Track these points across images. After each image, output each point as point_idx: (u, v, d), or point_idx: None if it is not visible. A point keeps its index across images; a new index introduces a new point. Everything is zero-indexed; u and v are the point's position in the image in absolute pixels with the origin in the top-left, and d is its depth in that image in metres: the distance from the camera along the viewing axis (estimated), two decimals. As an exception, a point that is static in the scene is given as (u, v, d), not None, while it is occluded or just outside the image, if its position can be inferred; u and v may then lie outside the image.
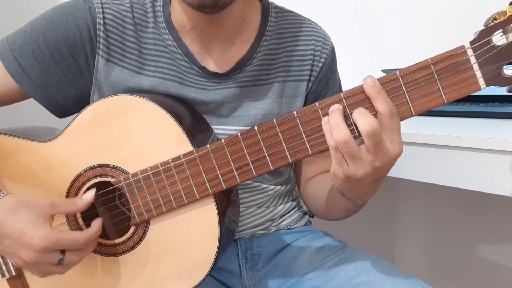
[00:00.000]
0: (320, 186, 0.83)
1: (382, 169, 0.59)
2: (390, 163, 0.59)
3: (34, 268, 0.65)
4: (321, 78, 0.84)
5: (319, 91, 0.85)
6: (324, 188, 0.80)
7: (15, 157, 0.74)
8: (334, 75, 0.87)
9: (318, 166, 0.86)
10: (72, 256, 0.66)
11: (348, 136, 0.57)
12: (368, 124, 0.56)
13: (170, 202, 0.68)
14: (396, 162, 0.61)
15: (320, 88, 0.84)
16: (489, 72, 0.56)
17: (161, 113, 0.68)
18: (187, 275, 0.70)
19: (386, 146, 0.58)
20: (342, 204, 0.73)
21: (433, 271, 1.53)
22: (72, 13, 0.74)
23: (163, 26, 0.77)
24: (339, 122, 0.58)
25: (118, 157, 0.70)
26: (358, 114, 0.58)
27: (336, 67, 0.88)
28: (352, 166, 0.58)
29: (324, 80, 0.84)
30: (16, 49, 0.74)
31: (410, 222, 1.61)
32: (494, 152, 0.74)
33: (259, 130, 0.63)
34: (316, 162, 0.86)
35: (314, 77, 0.83)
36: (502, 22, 0.55)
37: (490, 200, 1.32)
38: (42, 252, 0.63)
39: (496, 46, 0.55)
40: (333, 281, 0.77)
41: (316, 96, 0.84)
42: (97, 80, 0.76)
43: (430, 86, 0.58)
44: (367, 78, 0.58)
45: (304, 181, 0.89)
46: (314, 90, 0.84)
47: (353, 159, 0.58)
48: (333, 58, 0.86)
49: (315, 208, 0.87)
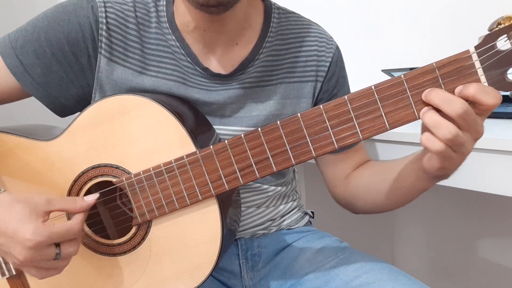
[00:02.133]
0: (374, 177, 0.80)
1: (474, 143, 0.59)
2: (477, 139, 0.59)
3: (32, 266, 0.63)
4: (330, 77, 0.84)
5: (331, 90, 0.84)
6: (383, 178, 0.76)
7: (16, 155, 0.73)
8: (342, 72, 0.86)
9: (353, 161, 0.85)
10: (68, 247, 0.64)
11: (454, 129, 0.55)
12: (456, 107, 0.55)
13: (172, 203, 0.68)
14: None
15: (331, 87, 0.84)
16: (493, 77, 0.56)
17: (164, 113, 0.68)
18: (188, 275, 0.70)
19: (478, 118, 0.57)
20: (420, 186, 0.70)
21: (433, 271, 1.53)
22: (74, 12, 0.73)
23: (166, 26, 0.77)
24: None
25: (120, 157, 0.69)
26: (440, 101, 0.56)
27: (343, 64, 0.87)
28: (461, 150, 0.57)
29: (334, 78, 0.84)
30: (18, 47, 0.73)
31: (410, 222, 1.62)
32: (494, 152, 0.75)
33: (262, 131, 0.63)
34: (348, 157, 0.84)
35: (322, 77, 0.83)
36: (507, 28, 0.55)
37: (490, 200, 1.32)
38: (36, 249, 0.61)
39: (500, 51, 0.55)
40: (333, 282, 0.77)
41: (329, 96, 0.84)
42: (99, 80, 0.75)
43: None
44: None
45: (340, 180, 0.86)
46: (325, 90, 0.84)
47: (463, 145, 0.56)
48: (339, 56, 0.86)
49: (368, 202, 0.82)
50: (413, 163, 0.69)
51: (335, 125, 0.61)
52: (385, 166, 0.78)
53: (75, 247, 0.65)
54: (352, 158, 0.85)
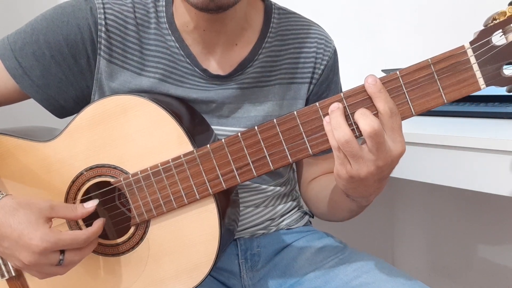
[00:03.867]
0: (322, 187, 0.83)
1: (385, 168, 0.59)
2: (393, 162, 0.59)
3: (33, 269, 0.65)
4: (323, 80, 0.84)
5: (320, 93, 0.85)
6: (327, 189, 0.79)
7: (15, 157, 0.73)
8: (336, 77, 0.87)
9: (320, 168, 0.86)
10: (72, 256, 0.65)
11: (350, 136, 0.57)
12: (369, 125, 0.56)
13: (170, 202, 0.68)
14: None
15: (321, 90, 0.84)
16: (489, 72, 0.56)
17: (161, 113, 0.68)
18: (187, 275, 0.70)
19: (388, 145, 0.58)
20: (346, 205, 0.73)
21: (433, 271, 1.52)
22: (73, 14, 0.73)
23: (165, 26, 0.77)
24: (340, 122, 0.58)
25: (118, 157, 0.69)
26: (359, 115, 0.58)
27: (338, 69, 0.88)
28: (355, 166, 0.58)
29: (326, 83, 0.84)
30: (17, 49, 0.74)
31: (410, 222, 1.61)
32: (494, 152, 0.74)
33: (259, 130, 0.63)
34: (318, 163, 0.86)
35: (316, 80, 0.83)
36: (502, 22, 0.55)
37: (490, 200, 1.32)
38: (42, 254, 0.62)
39: (495, 46, 0.55)
40: (333, 282, 0.77)
41: (318, 98, 0.84)
42: (98, 81, 0.75)
43: (430, 86, 0.58)
44: (369, 77, 0.58)
45: (305, 183, 0.89)
46: (315, 93, 0.84)
47: (355, 158, 0.58)
48: (335, 61, 0.86)
49: (318, 210, 0.86)
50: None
51: (332, 122, 0.60)
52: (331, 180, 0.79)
53: (79, 256, 0.66)
54: (325, 162, 0.85)
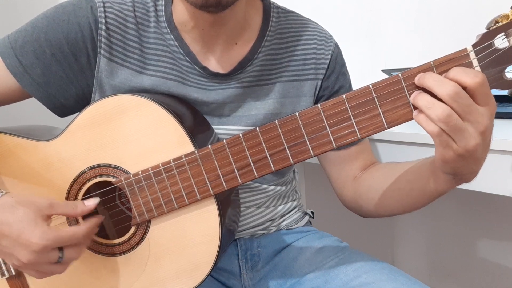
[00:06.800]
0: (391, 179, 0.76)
1: (488, 130, 0.55)
2: (490, 121, 0.55)
3: (32, 268, 0.64)
4: (330, 74, 0.83)
5: (331, 87, 0.84)
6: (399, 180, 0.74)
7: (16, 156, 0.73)
8: (343, 69, 0.86)
9: (358, 162, 0.83)
10: (71, 252, 0.64)
11: (448, 109, 0.53)
12: (448, 89, 0.53)
13: (171, 202, 0.68)
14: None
15: (331, 84, 0.84)
16: (491, 75, 0.56)
17: (163, 113, 0.68)
18: (187, 275, 0.70)
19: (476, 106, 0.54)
20: (437, 186, 0.66)
21: (433, 271, 1.53)
22: (74, 12, 0.74)
23: (164, 25, 0.77)
24: (430, 100, 0.55)
25: (119, 157, 0.69)
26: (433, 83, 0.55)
27: (344, 61, 0.87)
28: (462, 142, 0.55)
29: (334, 75, 0.84)
30: (18, 47, 0.74)
31: (410, 222, 1.61)
32: (494, 152, 0.74)
33: (260, 131, 0.63)
34: (355, 158, 0.83)
35: (322, 75, 0.83)
36: (505, 26, 0.55)
37: (490, 200, 1.32)
38: (41, 252, 0.61)
39: (498, 49, 0.55)
40: (333, 282, 0.77)
41: (330, 93, 0.84)
42: (98, 80, 0.75)
43: None
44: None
45: (348, 182, 0.84)
46: (325, 87, 0.84)
47: (460, 131, 0.54)
48: (338, 53, 0.85)
49: (386, 206, 0.78)
50: (427, 164, 0.67)
51: (333, 124, 0.61)
52: (398, 168, 0.75)
53: (78, 252, 0.66)
54: (358, 159, 0.83)
